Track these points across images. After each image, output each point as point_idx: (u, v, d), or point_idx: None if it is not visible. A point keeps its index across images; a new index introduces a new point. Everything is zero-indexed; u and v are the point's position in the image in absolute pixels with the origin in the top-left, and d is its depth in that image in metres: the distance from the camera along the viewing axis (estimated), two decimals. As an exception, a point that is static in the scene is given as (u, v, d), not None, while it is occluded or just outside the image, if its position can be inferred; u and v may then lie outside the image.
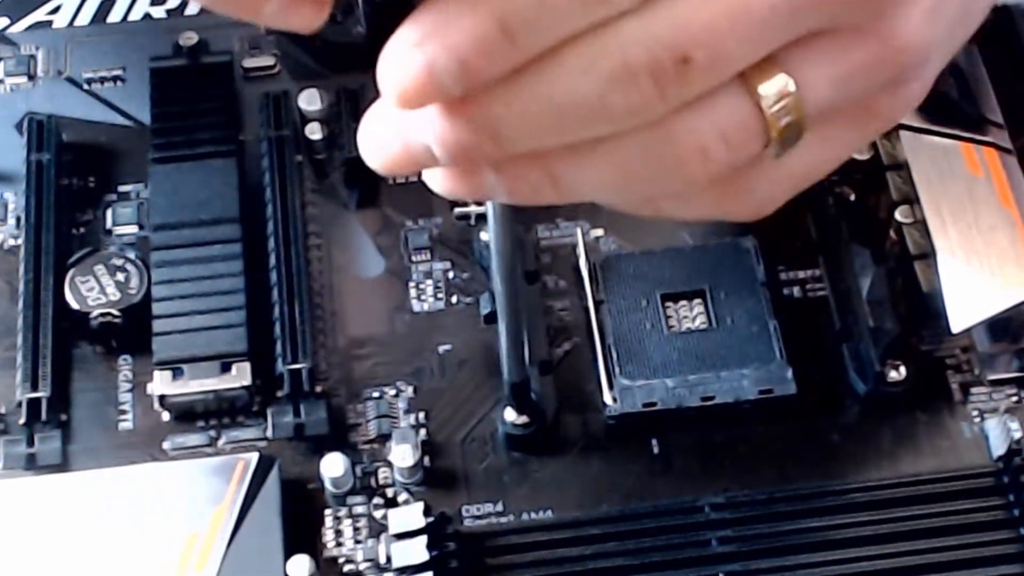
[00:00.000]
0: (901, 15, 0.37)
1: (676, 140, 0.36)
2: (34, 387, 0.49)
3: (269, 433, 0.49)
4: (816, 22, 0.37)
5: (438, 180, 0.38)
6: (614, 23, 0.34)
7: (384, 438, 0.49)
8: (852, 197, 0.53)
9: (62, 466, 0.49)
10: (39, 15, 0.61)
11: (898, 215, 0.52)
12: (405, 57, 0.34)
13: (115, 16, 0.61)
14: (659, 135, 0.36)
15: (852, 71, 0.38)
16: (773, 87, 0.36)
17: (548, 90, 0.34)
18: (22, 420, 0.49)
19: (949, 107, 0.53)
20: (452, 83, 0.34)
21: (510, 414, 0.48)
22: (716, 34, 0.35)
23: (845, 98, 0.38)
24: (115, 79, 0.58)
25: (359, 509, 0.48)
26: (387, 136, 0.36)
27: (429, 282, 0.53)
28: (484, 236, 0.52)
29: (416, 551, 0.45)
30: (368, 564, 0.47)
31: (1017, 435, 0.48)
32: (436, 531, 0.45)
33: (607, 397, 0.49)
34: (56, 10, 0.61)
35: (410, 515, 0.46)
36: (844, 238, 0.51)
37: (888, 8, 0.37)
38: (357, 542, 0.47)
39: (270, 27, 0.35)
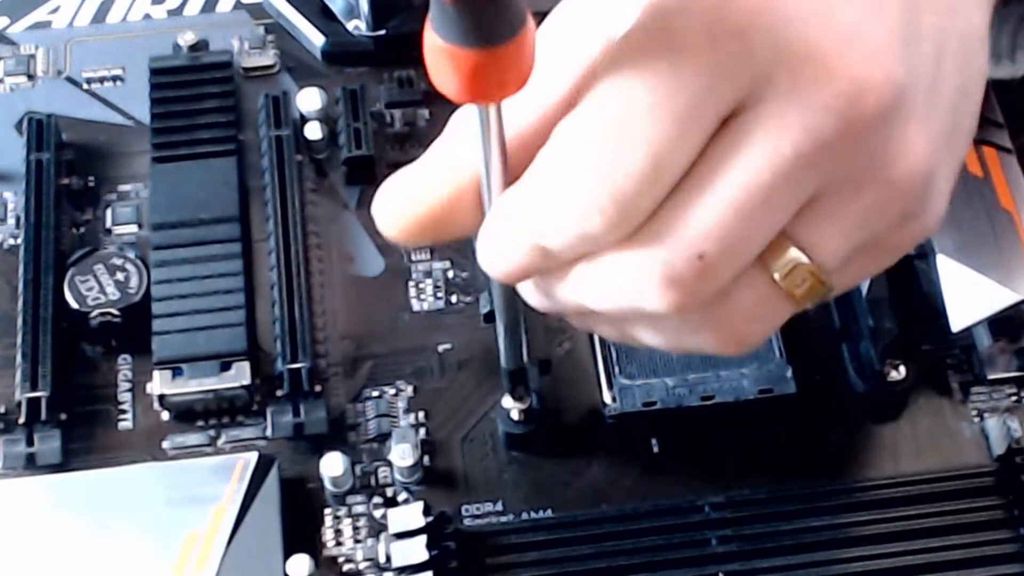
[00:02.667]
0: (891, 155, 0.37)
1: (714, 327, 0.39)
2: (34, 386, 0.49)
3: (269, 432, 0.49)
4: (812, 187, 0.37)
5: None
6: (631, 243, 0.37)
7: (384, 437, 0.49)
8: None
9: (62, 466, 0.49)
10: (39, 15, 0.61)
11: (898, 214, 0.52)
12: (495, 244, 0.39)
13: (115, 16, 0.61)
14: (696, 324, 0.39)
15: (858, 222, 0.38)
16: (783, 263, 0.38)
17: (591, 289, 0.39)
18: (22, 419, 0.49)
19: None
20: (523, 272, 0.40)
21: (508, 402, 0.49)
22: (725, 227, 0.36)
23: (858, 247, 0.39)
24: (115, 79, 0.58)
25: (359, 508, 0.48)
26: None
27: (429, 281, 0.53)
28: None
29: (416, 550, 0.45)
30: (368, 563, 0.47)
31: (1017, 434, 0.48)
32: (436, 530, 0.45)
33: (607, 396, 0.49)
34: (56, 10, 0.61)
35: (410, 514, 0.46)
36: (844, 237, 0.51)
37: (877, 152, 0.37)
38: (357, 541, 0.47)
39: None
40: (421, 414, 0.50)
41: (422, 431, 0.50)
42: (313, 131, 0.55)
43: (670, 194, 0.37)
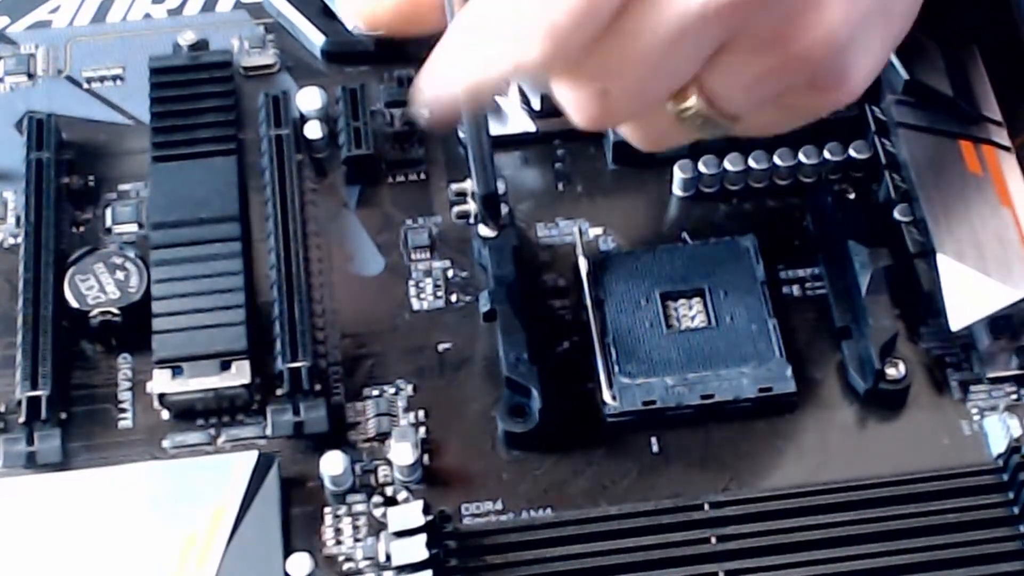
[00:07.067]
0: (803, 21, 0.38)
1: (630, 134, 0.47)
2: (34, 385, 0.49)
3: (269, 431, 0.49)
4: (718, 42, 0.39)
5: None
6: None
7: (384, 436, 0.49)
8: (852, 196, 0.53)
9: (62, 465, 0.49)
10: (39, 14, 0.61)
11: (897, 214, 0.52)
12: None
13: (115, 16, 0.61)
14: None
15: (761, 80, 0.41)
16: (683, 107, 0.42)
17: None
18: (22, 418, 0.49)
19: (948, 105, 0.53)
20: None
21: (484, 229, 0.52)
22: (629, 69, 0.40)
23: (762, 102, 0.42)
24: (115, 78, 0.58)
25: (359, 507, 0.48)
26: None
27: (429, 280, 0.53)
28: (483, 234, 0.52)
29: (415, 549, 0.45)
30: (368, 562, 0.47)
31: (1016, 433, 0.48)
32: (435, 529, 0.45)
33: (606, 395, 0.49)
34: (56, 10, 0.61)
35: (410, 513, 0.46)
36: (843, 237, 0.51)
37: (788, 17, 0.38)
38: (357, 540, 0.47)
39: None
40: (421, 413, 0.50)
41: (422, 430, 0.50)
42: (313, 130, 0.55)
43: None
